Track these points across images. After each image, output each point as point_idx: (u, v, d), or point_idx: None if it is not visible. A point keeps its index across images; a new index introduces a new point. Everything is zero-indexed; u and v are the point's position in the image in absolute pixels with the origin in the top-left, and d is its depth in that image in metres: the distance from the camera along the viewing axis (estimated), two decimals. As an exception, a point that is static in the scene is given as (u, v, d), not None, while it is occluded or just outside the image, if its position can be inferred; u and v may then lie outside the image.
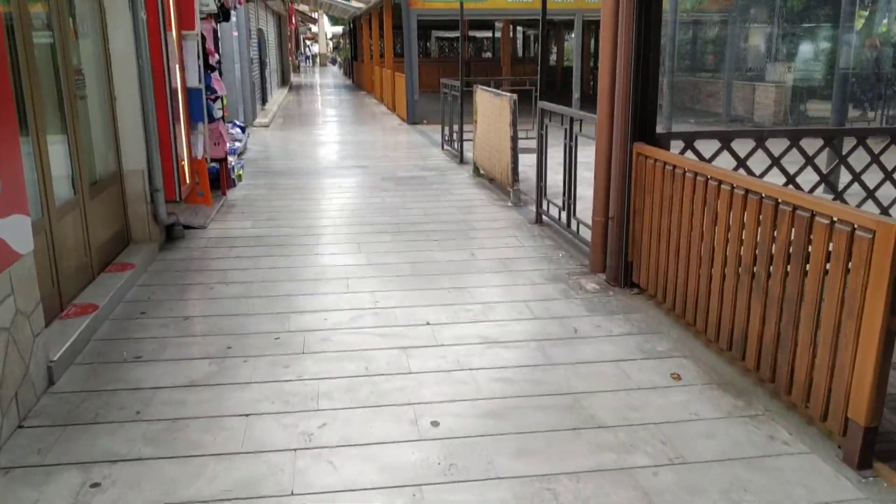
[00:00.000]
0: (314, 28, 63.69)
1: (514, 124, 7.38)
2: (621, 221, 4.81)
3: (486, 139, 8.53)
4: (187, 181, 6.45)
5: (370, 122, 16.47)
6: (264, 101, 17.39)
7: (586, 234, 5.54)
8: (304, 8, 47.85)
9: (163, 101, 5.60)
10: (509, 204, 7.49)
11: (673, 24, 13.90)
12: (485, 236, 6.29)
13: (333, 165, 10.21)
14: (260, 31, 17.03)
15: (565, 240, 6.07)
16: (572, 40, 29.08)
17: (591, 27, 24.98)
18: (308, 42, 71.57)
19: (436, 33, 33.11)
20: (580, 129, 5.66)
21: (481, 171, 9.04)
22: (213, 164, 8.02)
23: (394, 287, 4.93)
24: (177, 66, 6.17)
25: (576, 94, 15.70)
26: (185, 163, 6.40)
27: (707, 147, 4.52)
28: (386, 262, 5.49)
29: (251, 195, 8.00)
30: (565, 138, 5.96)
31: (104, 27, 5.31)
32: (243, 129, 11.81)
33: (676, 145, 4.60)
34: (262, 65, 17.16)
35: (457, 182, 8.85)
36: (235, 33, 14.38)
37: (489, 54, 31.82)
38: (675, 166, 4.22)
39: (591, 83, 25.45)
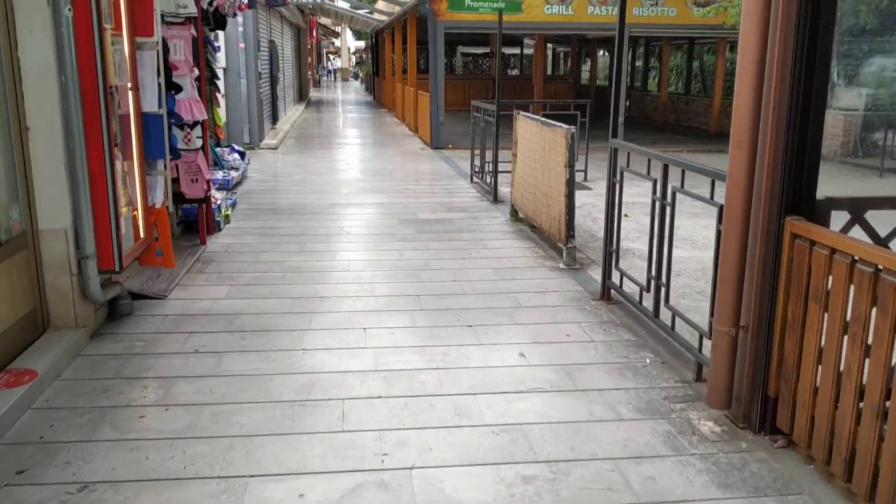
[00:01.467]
0: (337, 42, 62.69)
1: (570, 165, 5.75)
2: (761, 335, 3.14)
3: (530, 178, 6.90)
4: (142, 236, 4.87)
5: (390, 144, 14.91)
6: (275, 119, 15.92)
7: (684, 332, 3.88)
8: (326, 21, 46.79)
9: (97, 131, 4.02)
10: (561, 266, 5.84)
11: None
12: (535, 319, 4.64)
13: (344, 201, 8.62)
14: (272, 43, 15.59)
15: (648, 331, 4.41)
16: (600, 57, 27.49)
17: (631, 43, 23.35)
18: (331, 56, 70.63)
19: (461, 49, 31.66)
20: (681, 184, 4.00)
21: (520, 215, 7.41)
22: (190, 206, 6.46)
23: (410, 422, 3.29)
24: (127, 85, 4.60)
25: (620, 119, 13.98)
26: (139, 213, 4.82)
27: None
28: (401, 370, 3.86)
29: (236, 245, 6.42)
30: (653, 193, 4.31)
31: (10, 28, 3.76)
32: (242, 155, 10.28)
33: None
34: (274, 80, 15.70)
35: (491, 229, 7.22)
36: (242, 45, 12.93)
37: (516, 71, 30.27)
38: (861, 260, 2.57)
39: (628, 99, 23.75)
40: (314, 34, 39.10)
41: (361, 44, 58.00)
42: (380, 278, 5.55)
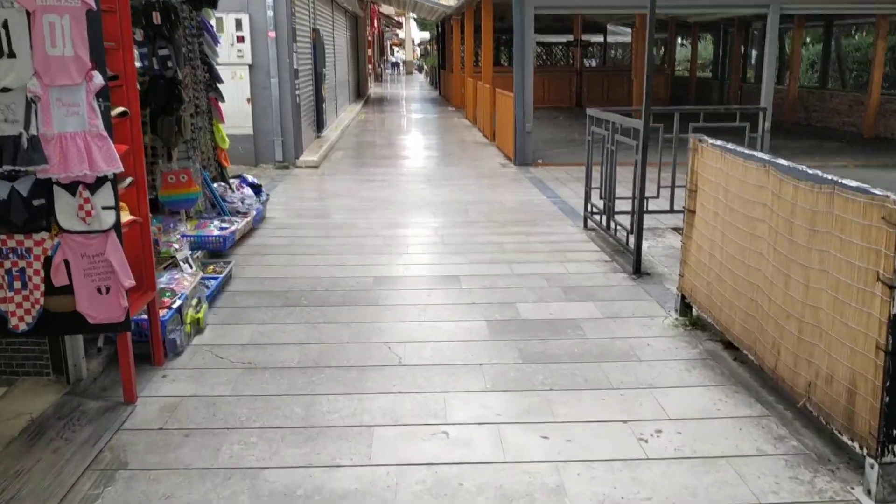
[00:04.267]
0: (401, 33, 59.97)
1: (903, 283, 2.52)
2: None
3: (740, 264, 3.68)
4: None
5: (462, 158, 11.77)
6: (320, 126, 13.00)
7: None
8: (389, 11, 44.02)
9: None
10: (864, 495, 2.62)
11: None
12: None
13: (396, 272, 5.55)
14: (316, 32, 12.65)
15: None
16: (691, 46, 23.25)
17: (728, 27, 19.56)
18: (395, 48, 67.96)
19: (534, 37, 28.11)
20: None
21: (701, 315, 4.20)
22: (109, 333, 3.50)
23: None
24: None
25: (766, 123, 10.36)
26: None
27: None
28: None
29: (194, 401, 3.42)
30: None
31: None
32: (258, 190, 7.31)
33: None
34: (319, 77, 12.77)
35: (655, 350, 4.03)
36: (272, 34, 10.01)
37: (593, 62, 26.54)
38: None
39: (740, 93, 20.02)
40: (375, 24, 36.34)
41: (426, 35, 55.10)
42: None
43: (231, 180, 7.15)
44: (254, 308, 4.68)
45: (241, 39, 9.98)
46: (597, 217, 6.62)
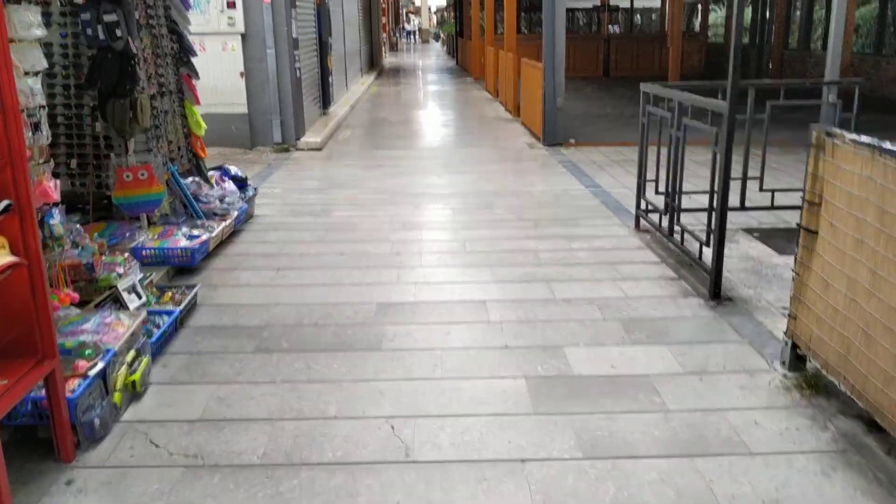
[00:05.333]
0: (416, 1, 58.19)
1: None
2: None
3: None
4: None
5: (482, 139, 10.52)
6: (326, 102, 11.77)
7: None
8: (404, -23, 42.35)
9: None
10: None
11: None
12: None
13: (406, 297, 4.38)
14: (321, -4, 11.38)
15: None
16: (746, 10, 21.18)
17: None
18: (411, 16, 66.11)
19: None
20: None
21: (831, 380, 3.02)
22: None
23: None
24: None
25: (831, 97, 8.97)
26: None
27: None
28: None
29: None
30: None
31: None
32: (243, 185, 6.18)
33: None
34: (324, 48, 11.51)
35: (757, 423, 2.85)
36: (267, 0, 8.79)
37: (616, 29, 24.83)
38: None
39: (781, 62, 18.48)
40: (390, -9, 34.84)
41: (443, 1, 53.33)
42: None
43: (211, 172, 6.01)
44: (217, 356, 3.55)
45: (231, 4, 8.76)
46: (653, 216, 5.41)
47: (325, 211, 6.39)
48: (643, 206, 5.58)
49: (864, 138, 2.78)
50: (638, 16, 28.64)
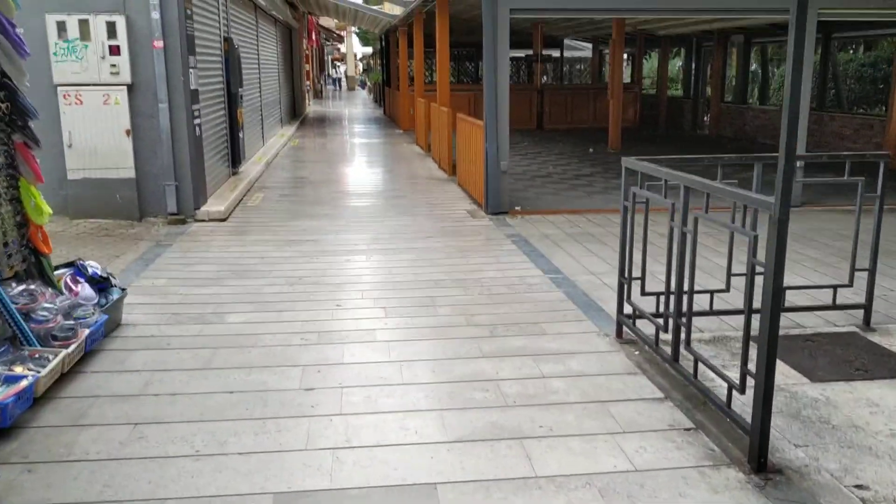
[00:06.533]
0: (342, 47, 57.43)
1: None
2: None
3: None
4: None
5: (417, 205, 9.25)
6: (235, 160, 10.31)
7: None
8: (329, 23, 41.45)
9: None
10: None
11: None
12: None
13: (314, 486, 3.00)
14: (228, 42, 9.99)
15: None
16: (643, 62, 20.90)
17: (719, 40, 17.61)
18: (337, 63, 65.17)
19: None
20: None
21: None
22: None
23: None
24: None
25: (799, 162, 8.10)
26: None
27: None
28: None
29: None
30: None
31: None
32: (105, 286, 4.67)
33: None
34: (233, 99, 10.11)
35: None
36: (159, 43, 7.37)
37: (545, 79, 24.29)
38: None
39: (718, 116, 18.11)
40: (314, 38, 33.74)
41: (369, 49, 52.66)
42: None
43: (60, 272, 4.50)
44: None
45: (115, 50, 7.30)
46: (642, 324, 4.20)
47: (218, 315, 4.94)
48: (627, 309, 4.38)
49: None
50: (566, 66, 28.36)
